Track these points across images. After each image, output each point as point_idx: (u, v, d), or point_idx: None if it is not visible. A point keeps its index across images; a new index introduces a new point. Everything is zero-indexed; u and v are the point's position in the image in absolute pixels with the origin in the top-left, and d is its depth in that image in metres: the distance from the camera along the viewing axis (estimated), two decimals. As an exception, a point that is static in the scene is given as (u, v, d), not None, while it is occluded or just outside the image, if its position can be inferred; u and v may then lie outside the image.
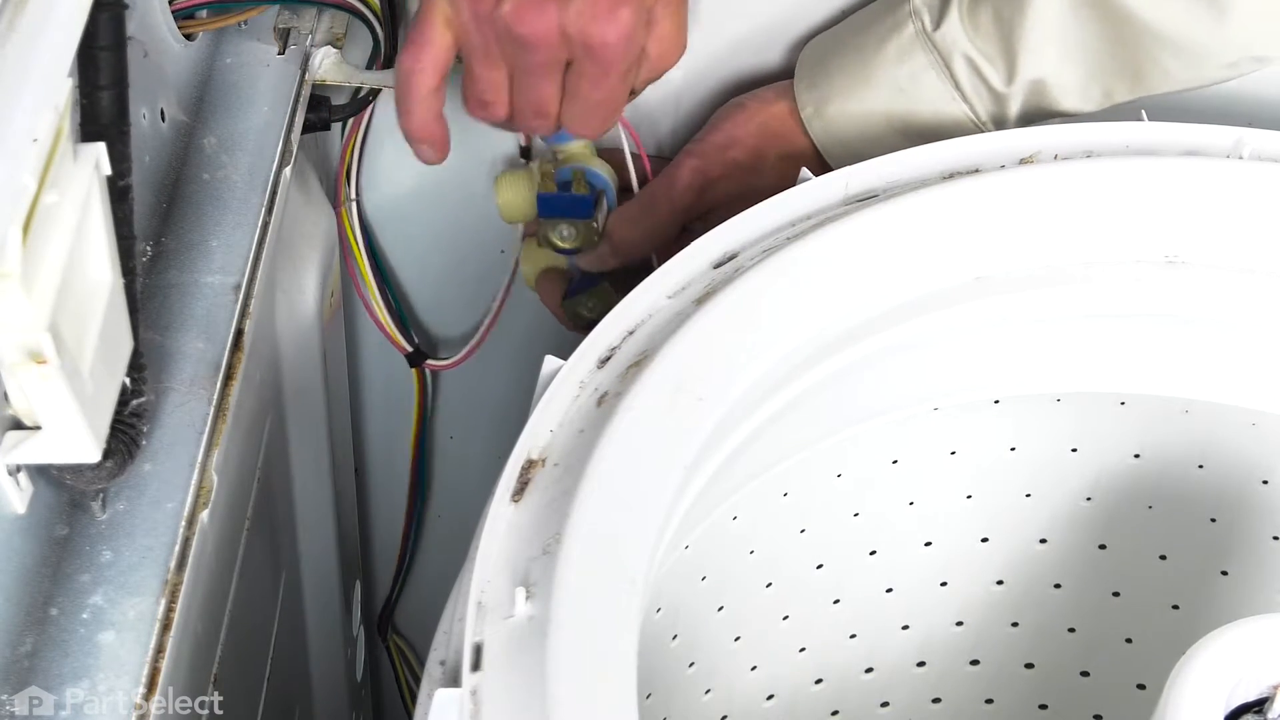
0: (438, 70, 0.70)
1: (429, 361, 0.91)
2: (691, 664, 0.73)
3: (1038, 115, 0.76)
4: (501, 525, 0.54)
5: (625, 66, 0.69)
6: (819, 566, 0.77)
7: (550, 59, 0.68)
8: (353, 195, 0.83)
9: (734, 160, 0.81)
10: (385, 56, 0.79)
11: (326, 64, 0.76)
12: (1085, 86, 0.74)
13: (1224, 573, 0.79)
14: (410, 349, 0.90)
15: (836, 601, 0.79)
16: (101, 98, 0.53)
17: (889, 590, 0.80)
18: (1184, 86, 0.74)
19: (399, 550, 1.03)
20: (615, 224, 0.81)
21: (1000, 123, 0.76)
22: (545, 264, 0.84)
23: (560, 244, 0.81)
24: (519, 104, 0.71)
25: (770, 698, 0.79)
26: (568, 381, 0.59)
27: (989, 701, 0.86)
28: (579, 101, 0.71)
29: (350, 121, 0.84)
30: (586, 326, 0.80)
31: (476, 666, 0.49)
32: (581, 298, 0.83)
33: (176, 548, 0.54)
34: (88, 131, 0.53)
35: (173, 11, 0.68)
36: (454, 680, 0.50)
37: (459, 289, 0.93)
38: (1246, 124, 0.69)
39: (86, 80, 0.53)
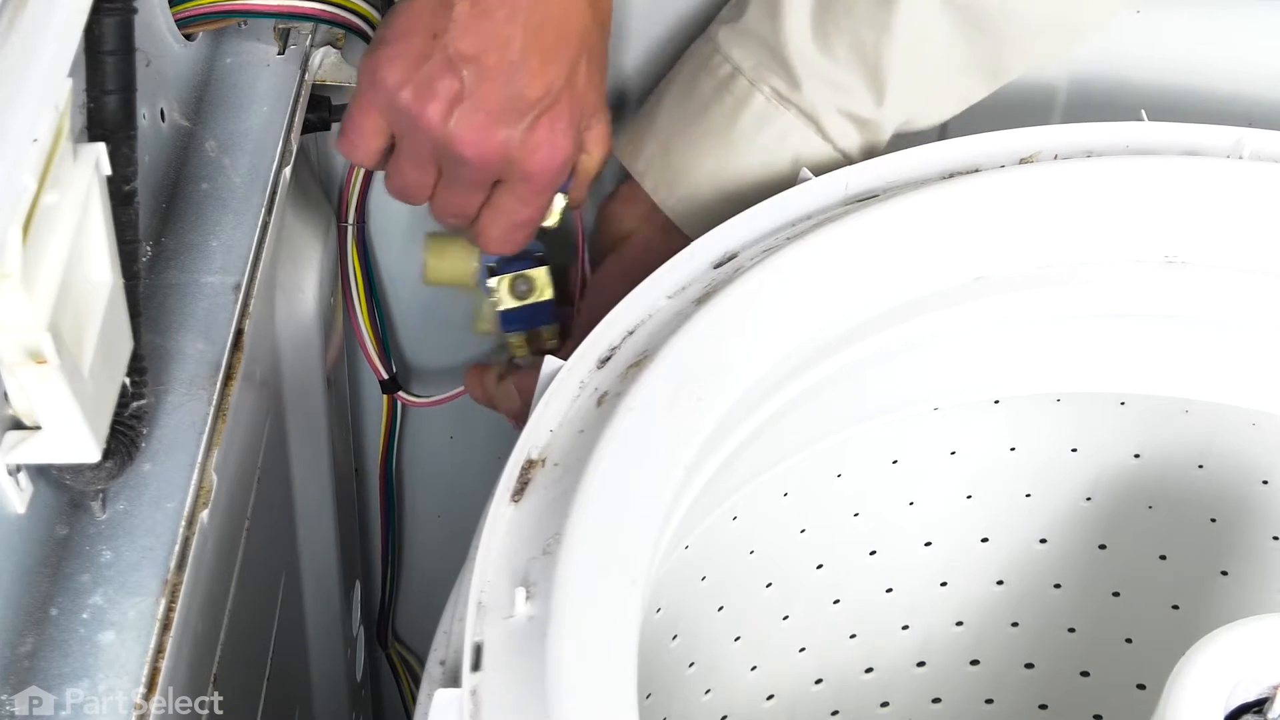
0: (372, 159, 0.70)
1: (401, 394, 0.90)
2: (691, 664, 0.73)
3: (902, 132, 0.74)
4: (501, 525, 0.54)
5: (556, 188, 0.71)
6: (819, 566, 0.77)
7: (485, 177, 0.69)
8: (352, 219, 0.82)
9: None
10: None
11: (327, 64, 0.76)
12: (946, 97, 0.73)
13: (1224, 573, 0.79)
14: (386, 376, 0.89)
15: (836, 601, 0.79)
16: (108, 102, 0.53)
17: (889, 590, 0.80)
18: (1048, 62, 0.73)
19: (380, 570, 1.02)
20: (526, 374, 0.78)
21: (871, 151, 0.73)
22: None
23: (519, 302, 0.79)
24: (441, 203, 0.71)
25: (770, 698, 0.79)
26: (568, 381, 0.59)
27: (989, 701, 0.86)
28: (502, 216, 0.71)
29: None
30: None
31: (476, 666, 0.49)
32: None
33: (176, 548, 0.54)
34: (93, 135, 0.53)
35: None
36: (454, 680, 0.50)
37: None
38: (1246, 124, 0.69)
39: (92, 84, 0.53)
